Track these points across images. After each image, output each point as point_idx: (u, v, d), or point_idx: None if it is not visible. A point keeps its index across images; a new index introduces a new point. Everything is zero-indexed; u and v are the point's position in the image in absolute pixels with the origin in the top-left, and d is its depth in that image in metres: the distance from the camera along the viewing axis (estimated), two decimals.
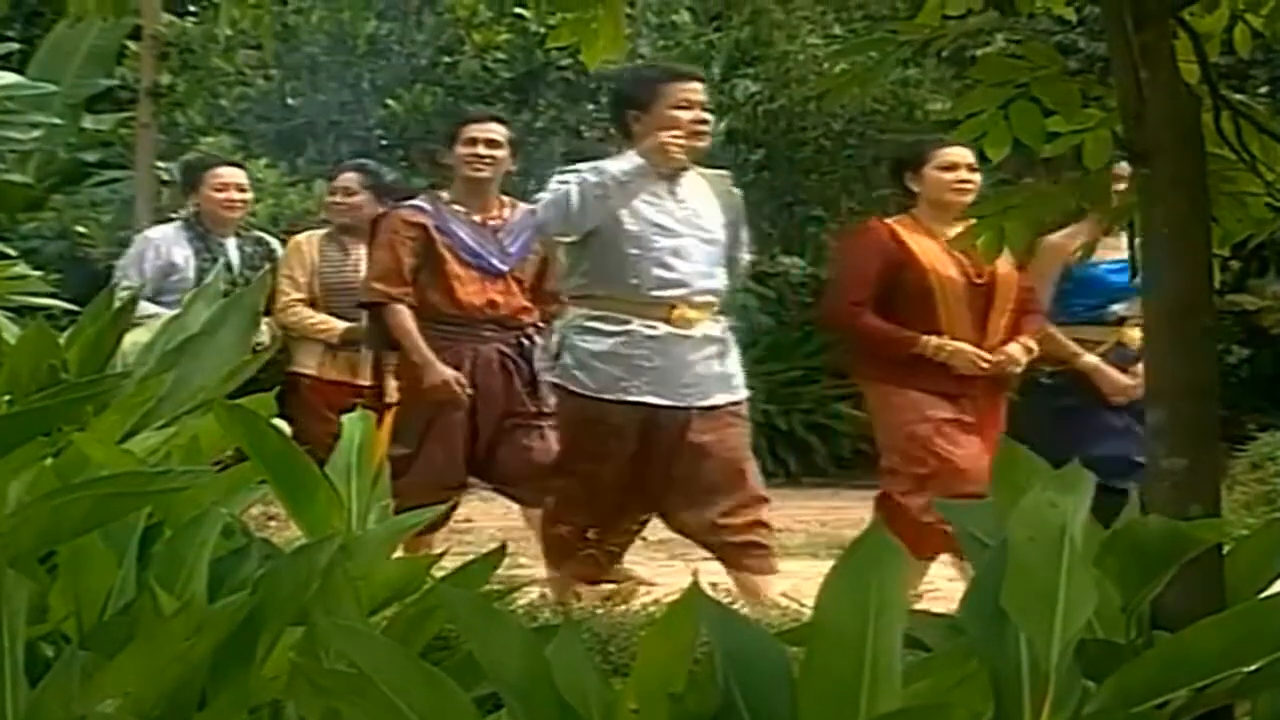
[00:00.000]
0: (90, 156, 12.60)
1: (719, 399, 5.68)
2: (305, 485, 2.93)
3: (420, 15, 11.62)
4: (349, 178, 7.20)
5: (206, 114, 11.53)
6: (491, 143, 6.46)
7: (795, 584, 5.77)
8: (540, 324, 6.32)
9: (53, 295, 5.78)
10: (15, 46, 11.97)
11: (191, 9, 12.17)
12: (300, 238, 7.27)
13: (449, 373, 6.07)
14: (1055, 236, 5.88)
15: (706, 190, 5.77)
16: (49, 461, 2.86)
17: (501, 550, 2.94)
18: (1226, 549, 2.38)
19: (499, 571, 3.08)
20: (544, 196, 5.71)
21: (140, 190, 11.49)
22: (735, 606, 3.13)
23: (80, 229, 11.19)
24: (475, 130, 6.47)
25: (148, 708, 2.30)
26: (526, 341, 6.29)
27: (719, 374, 5.68)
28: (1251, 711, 2.17)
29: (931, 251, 5.78)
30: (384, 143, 11.43)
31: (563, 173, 5.77)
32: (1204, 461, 2.36)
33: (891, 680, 1.98)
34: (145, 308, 6.27)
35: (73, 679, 2.28)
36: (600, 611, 4.30)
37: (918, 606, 2.50)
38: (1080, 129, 2.66)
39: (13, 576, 2.33)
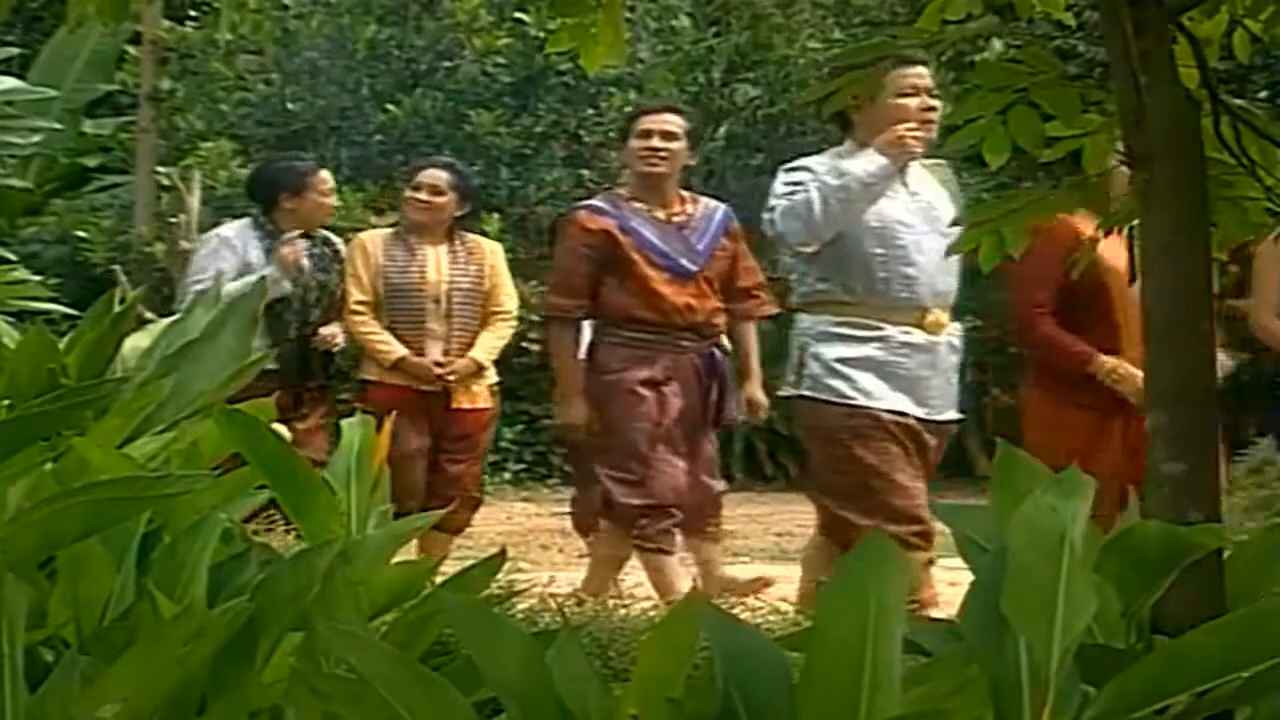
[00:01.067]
0: (90, 161, 12.62)
1: (950, 414, 5.41)
2: (305, 490, 2.93)
3: (420, 20, 11.63)
4: (437, 175, 6.81)
5: (206, 119, 11.54)
6: (668, 135, 6.06)
7: (795, 588, 5.78)
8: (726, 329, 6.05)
9: (52, 300, 5.78)
10: (15, 51, 11.97)
11: (191, 14, 12.19)
12: (364, 236, 6.99)
13: (582, 415, 5.81)
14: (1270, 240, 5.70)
15: (932, 181, 5.41)
16: (48, 466, 2.86)
17: (502, 555, 2.94)
18: (1227, 554, 2.38)
19: (499, 576, 3.08)
20: (777, 203, 5.32)
21: (140, 195, 11.51)
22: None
23: (80, 233, 11.21)
24: (650, 122, 6.08)
25: (147, 713, 2.30)
26: (718, 351, 5.99)
27: (954, 386, 5.37)
28: (1252, 717, 2.17)
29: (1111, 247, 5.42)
30: (383, 147, 11.43)
31: (790, 171, 5.40)
32: (1204, 466, 2.36)
33: (891, 686, 1.98)
34: None
35: (72, 684, 2.28)
36: (600, 616, 4.30)
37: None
38: (1080, 134, 2.66)
39: (12, 581, 2.33)
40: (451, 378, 6.50)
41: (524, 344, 11.09)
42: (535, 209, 11.20)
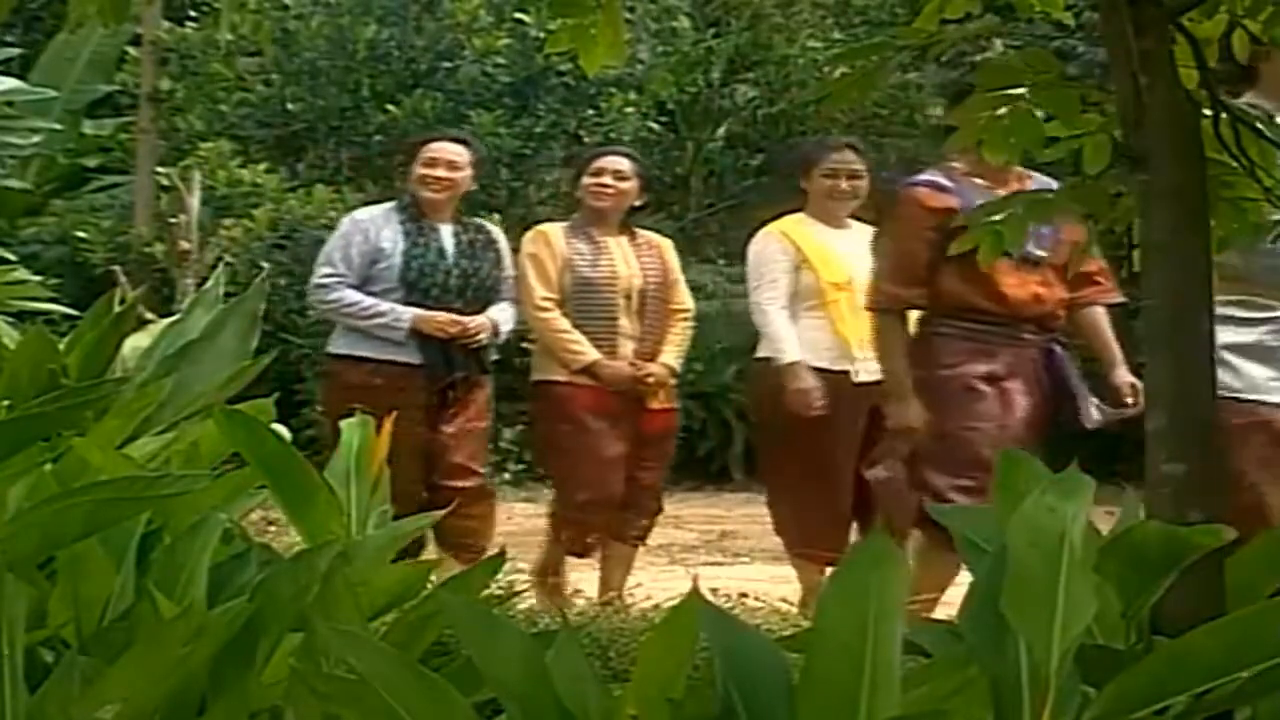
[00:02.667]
0: (90, 162, 12.61)
1: None
2: (305, 490, 2.93)
3: (420, 20, 11.62)
4: (619, 161, 6.20)
5: (206, 119, 11.53)
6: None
7: (796, 589, 5.78)
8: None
9: (52, 300, 5.79)
10: (16, 52, 11.98)
11: (191, 14, 12.18)
12: (545, 228, 6.26)
13: (920, 416, 5.03)
14: None
15: None
16: (48, 467, 2.86)
17: (501, 556, 2.94)
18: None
19: (499, 577, 3.08)
20: None
21: (140, 195, 11.50)
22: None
23: (80, 234, 11.20)
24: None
25: (147, 713, 2.30)
26: (1059, 348, 5.27)
27: None
28: (1252, 717, 2.17)
29: None
30: (383, 148, 11.43)
31: None
32: (1204, 466, 2.36)
33: (891, 686, 1.98)
34: (348, 296, 5.79)
35: (72, 685, 2.28)
36: (600, 617, 4.30)
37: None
38: (1079, 134, 2.66)
39: (12, 582, 2.33)
40: (650, 381, 5.96)
41: (523, 344, 11.10)
42: (535, 209, 11.19)
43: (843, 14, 12.70)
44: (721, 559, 8.02)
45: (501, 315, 6.09)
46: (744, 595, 5.58)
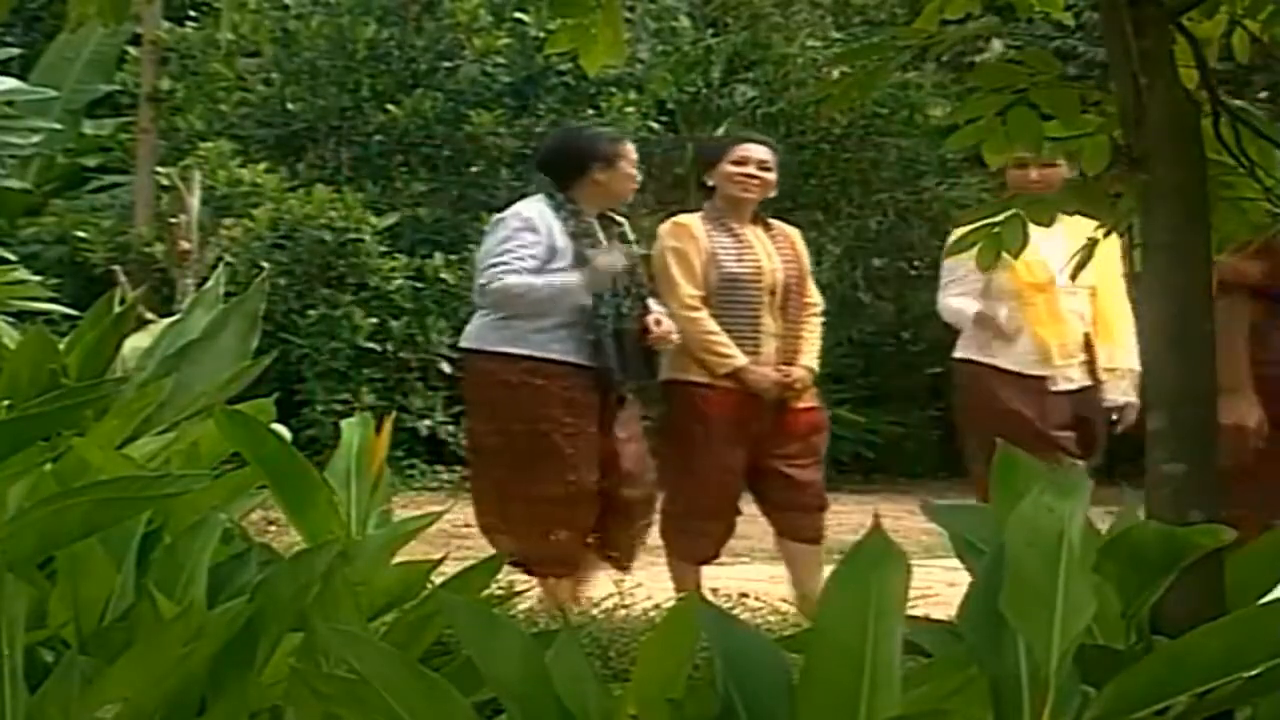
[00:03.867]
0: (90, 161, 12.62)
1: None
2: (305, 490, 2.93)
3: (420, 20, 11.62)
4: (762, 151, 5.88)
5: (206, 119, 11.53)
6: None
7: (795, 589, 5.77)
8: None
9: (52, 300, 5.79)
10: (16, 52, 11.98)
11: (191, 14, 12.18)
12: (685, 219, 5.89)
13: (1255, 415, 4.42)
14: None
15: None
16: (48, 467, 2.86)
17: (501, 556, 2.94)
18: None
19: (498, 577, 3.08)
20: None
21: (140, 195, 11.51)
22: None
23: (80, 234, 11.20)
24: None
25: (147, 713, 2.30)
26: None
27: None
28: (1252, 717, 2.17)
29: None
30: (383, 147, 11.43)
31: None
32: (1204, 467, 2.36)
33: (891, 686, 1.98)
34: (516, 281, 5.35)
35: (72, 685, 2.28)
36: (600, 617, 4.30)
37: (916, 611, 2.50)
38: (1078, 134, 2.66)
39: (12, 582, 2.33)
40: (797, 387, 5.70)
41: None
42: None
43: (841, 13, 12.70)
44: (721, 559, 8.00)
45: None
46: (744, 595, 5.58)
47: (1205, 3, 2.54)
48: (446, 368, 10.80)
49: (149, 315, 5.21)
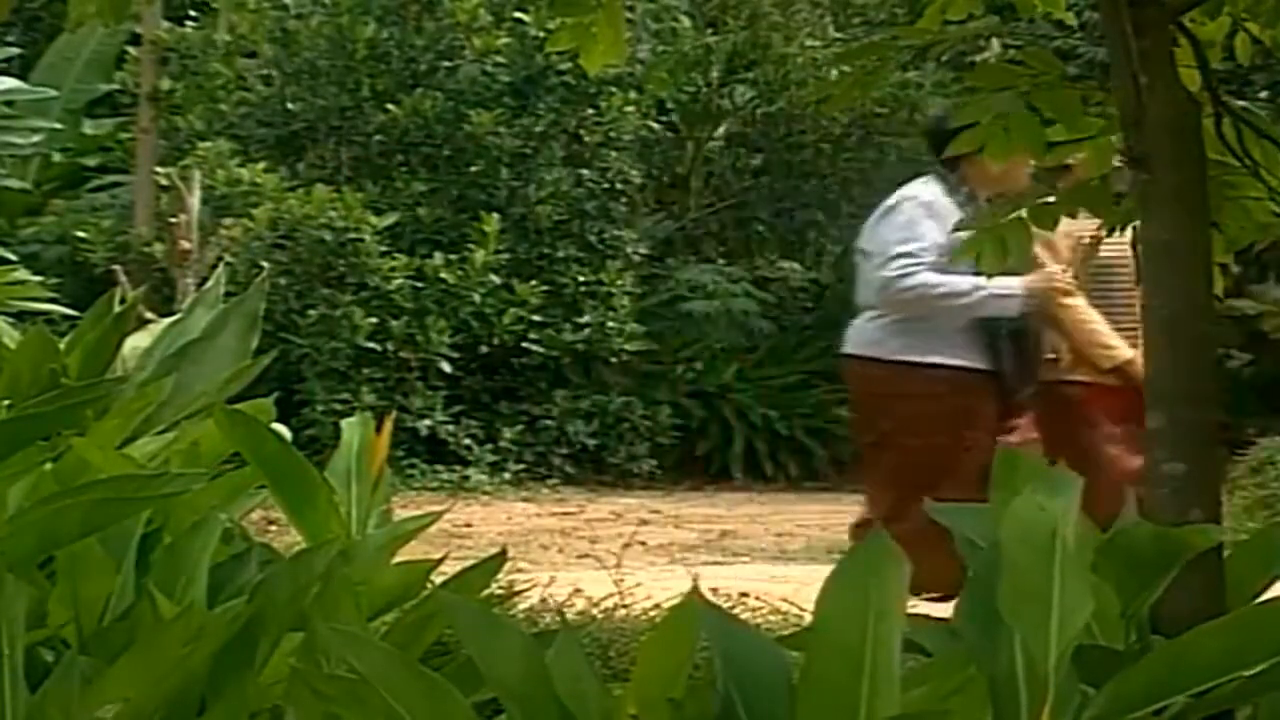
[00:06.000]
0: (90, 161, 12.62)
1: None
2: (305, 490, 2.93)
3: (420, 20, 11.62)
4: None
5: (206, 119, 11.52)
6: None
7: (796, 588, 5.77)
8: None
9: (52, 300, 5.78)
10: (16, 52, 11.98)
11: (191, 14, 12.18)
12: None
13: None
14: None
15: None
16: (48, 466, 2.86)
17: (502, 555, 2.94)
18: (1226, 553, 2.38)
19: (499, 577, 3.08)
20: None
21: (140, 195, 11.50)
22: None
23: (80, 234, 11.20)
24: None
25: (147, 714, 2.30)
26: None
27: None
28: (1252, 716, 2.16)
29: None
30: (383, 147, 11.43)
31: None
32: (1204, 466, 2.36)
33: (890, 686, 1.98)
34: (934, 279, 4.92)
35: (72, 685, 2.28)
36: (600, 617, 4.30)
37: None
38: (1080, 138, 2.65)
39: (12, 582, 2.33)
40: None
41: (523, 344, 11.09)
42: (535, 209, 11.20)
43: (841, 13, 12.70)
44: (721, 559, 8.02)
45: None
46: (744, 595, 5.58)
47: (1206, 3, 2.54)
48: (447, 367, 10.80)
49: (149, 315, 5.21)
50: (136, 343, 4.30)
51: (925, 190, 5.14)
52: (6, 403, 3.33)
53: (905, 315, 5.00)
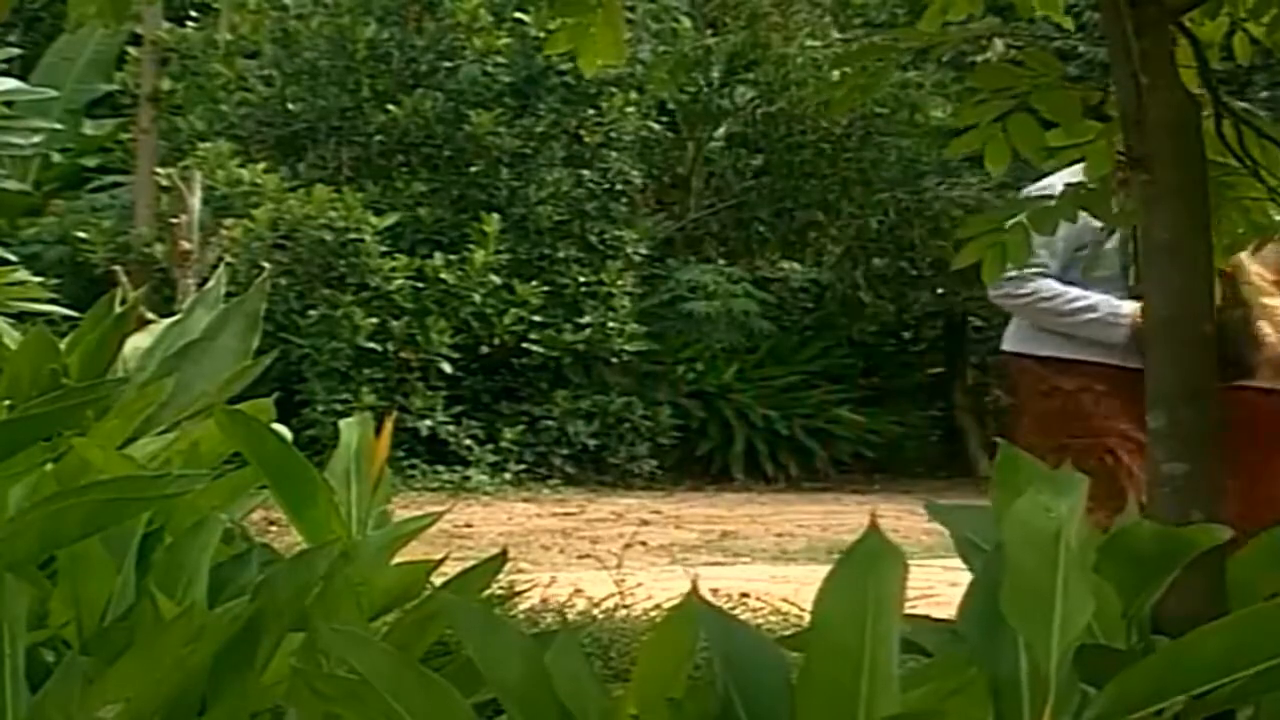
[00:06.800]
0: (90, 162, 12.63)
1: None
2: (305, 490, 2.93)
3: (420, 20, 11.63)
4: None
5: (207, 119, 11.53)
6: None
7: (796, 589, 5.78)
8: None
9: (53, 300, 5.78)
10: (16, 52, 11.98)
11: (192, 15, 12.19)
12: None
13: None
14: None
15: None
16: (49, 467, 2.86)
17: (503, 556, 2.93)
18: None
19: (500, 577, 3.08)
20: None
21: (140, 195, 11.51)
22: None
23: (80, 234, 11.21)
24: None
25: (148, 714, 2.30)
26: None
27: None
28: (1253, 716, 2.16)
29: None
30: (383, 147, 11.43)
31: None
32: (1205, 466, 2.36)
33: (890, 686, 1.98)
34: (1045, 288, 4.46)
35: (73, 685, 2.28)
36: (600, 617, 4.30)
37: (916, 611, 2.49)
38: (1080, 142, 2.65)
39: (12, 582, 2.33)
40: None
41: (524, 344, 11.10)
42: (535, 209, 11.21)
43: (841, 13, 12.70)
44: (721, 559, 8.02)
45: None
46: (744, 595, 5.58)
47: (1206, 3, 2.54)
48: (447, 367, 10.80)
49: (149, 315, 5.21)
50: (137, 343, 4.30)
51: (1070, 179, 4.79)
52: (7, 403, 3.33)
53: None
